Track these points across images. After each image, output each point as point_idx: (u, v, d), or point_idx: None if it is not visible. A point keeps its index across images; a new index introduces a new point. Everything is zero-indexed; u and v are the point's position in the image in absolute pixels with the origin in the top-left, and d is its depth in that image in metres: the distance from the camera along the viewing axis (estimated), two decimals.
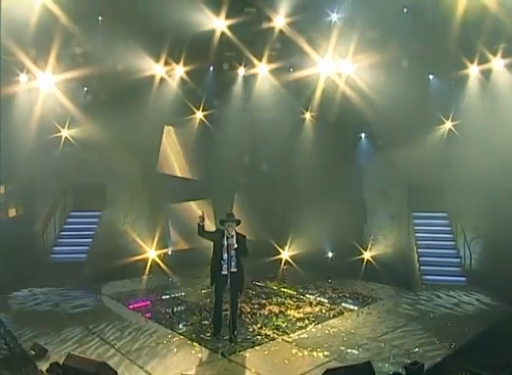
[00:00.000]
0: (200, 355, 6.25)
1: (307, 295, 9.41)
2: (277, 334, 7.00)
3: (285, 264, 12.38)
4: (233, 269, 6.73)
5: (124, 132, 12.65)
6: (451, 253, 10.86)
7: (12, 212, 11.27)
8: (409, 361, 5.76)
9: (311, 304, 8.70)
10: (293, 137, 13.64)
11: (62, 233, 11.73)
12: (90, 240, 11.44)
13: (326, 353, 6.25)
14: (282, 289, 10.03)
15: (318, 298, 9.15)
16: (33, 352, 6.14)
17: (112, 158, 13.08)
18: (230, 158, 13.77)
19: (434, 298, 9.16)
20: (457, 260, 10.61)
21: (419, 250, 11.15)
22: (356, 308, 8.51)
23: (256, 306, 8.51)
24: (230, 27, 11.05)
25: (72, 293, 9.35)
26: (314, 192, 13.27)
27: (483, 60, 10.64)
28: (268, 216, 13.91)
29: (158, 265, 11.83)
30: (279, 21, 11.11)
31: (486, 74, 10.94)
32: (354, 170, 13.29)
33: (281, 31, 11.30)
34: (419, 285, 10.07)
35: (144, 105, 12.43)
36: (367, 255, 12.31)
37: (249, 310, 8.23)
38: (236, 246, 6.75)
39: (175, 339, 6.82)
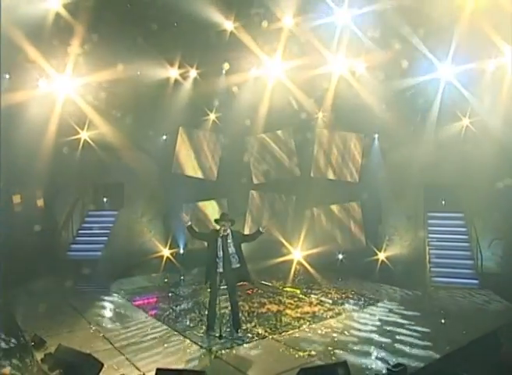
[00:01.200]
0: (188, 350, 6.42)
1: (311, 295, 9.36)
2: (269, 333, 7.06)
3: (297, 264, 12.31)
4: (236, 265, 6.88)
5: (140, 133, 13.17)
6: (464, 255, 10.48)
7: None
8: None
9: (311, 304, 8.68)
10: (305, 136, 13.62)
11: (80, 231, 12.25)
12: (105, 238, 11.87)
13: (313, 353, 6.25)
14: (286, 289, 10.05)
15: (320, 299, 9.10)
16: (32, 343, 6.50)
17: (129, 159, 13.54)
18: (242, 158, 13.99)
19: (439, 299, 8.94)
20: (471, 262, 10.22)
21: (431, 251, 10.85)
22: (356, 308, 8.41)
23: (256, 305, 8.61)
24: (238, 28, 11.15)
25: (81, 289, 9.76)
26: (327, 192, 13.21)
27: (499, 53, 10.22)
28: (282, 216, 13.96)
29: (173, 263, 12.17)
30: (288, 21, 11.09)
31: (503, 68, 10.48)
32: (368, 170, 13.11)
33: (290, 31, 11.30)
34: (428, 287, 9.81)
35: (158, 107, 12.78)
36: (381, 255, 12.09)
37: (248, 309, 8.33)
38: (228, 243, 6.87)
39: (168, 335, 7.04)
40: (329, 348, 6.40)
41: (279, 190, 13.98)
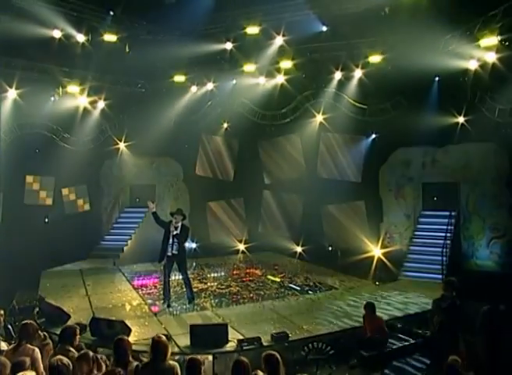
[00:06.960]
0: (140, 313, 8.30)
1: (284, 283, 10.52)
2: (212, 307, 8.59)
3: (298, 257, 13.43)
4: (174, 252, 8.54)
5: (168, 141, 15.32)
6: (436, 251, 10.72)
7: (81, 208, 14.83)
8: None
9: (270, 288, 9.93)
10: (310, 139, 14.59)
11: (114, 225, 14.84)
12: (132, 231, 14.29)
13: (228, 321, 7.56)
14: (268, 277, 11.27)
15: (289, 285, 10.26)
16: (36, 302, 8.83)
17: (159, 163, 15.89)
18: (255, 161, 15.47)
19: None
20: (439, 258, 10.48)
21: (410, 247, 11.31)
22: (310, 293, 9.54)
23: (223, 287, 10.15)
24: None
25: (101, 269, 12.12)
26: (332, 191, 14.03)
27: None
28: (291, 214, 15.11)
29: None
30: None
31: None
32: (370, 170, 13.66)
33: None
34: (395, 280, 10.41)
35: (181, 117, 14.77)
36: (377, 252, 12.60)
37: (214, 289, 9.90)
38: (176, 233, 8.55)
39: (136, 303, 8.99)
40: (245, 319, 7.72)
41: (288, 189, 15.13)
